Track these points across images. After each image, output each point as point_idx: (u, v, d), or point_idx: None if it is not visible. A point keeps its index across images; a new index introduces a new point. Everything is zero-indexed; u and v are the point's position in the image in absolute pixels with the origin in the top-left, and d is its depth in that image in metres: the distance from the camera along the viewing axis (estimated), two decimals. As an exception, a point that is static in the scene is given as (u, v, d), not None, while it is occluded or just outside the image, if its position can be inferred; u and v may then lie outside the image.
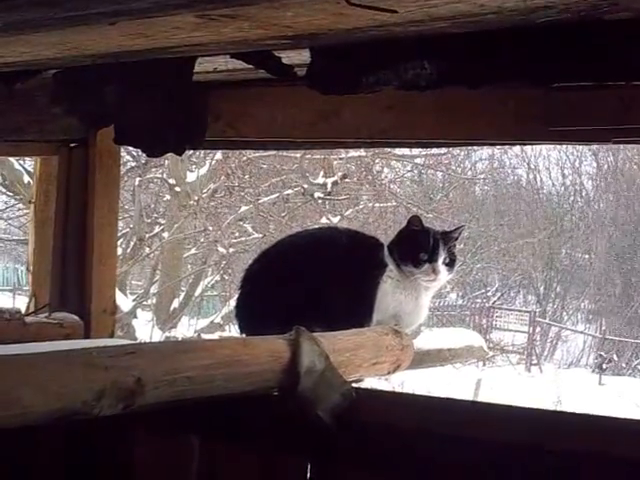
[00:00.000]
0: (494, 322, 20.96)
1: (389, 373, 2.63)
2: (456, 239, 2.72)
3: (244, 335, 2.64)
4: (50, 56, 2.20)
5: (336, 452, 2.15)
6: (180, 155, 3.15)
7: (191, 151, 9.87)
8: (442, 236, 2.69)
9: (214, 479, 2.31)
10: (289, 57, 2.21)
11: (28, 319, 2.95)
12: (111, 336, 3.10)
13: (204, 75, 2.58)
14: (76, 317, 3.02)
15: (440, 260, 2.66)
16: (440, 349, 2.93)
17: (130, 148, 9.77)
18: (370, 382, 2.65)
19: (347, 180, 13.35)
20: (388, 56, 2.03)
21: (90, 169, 3.05)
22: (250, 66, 2.28)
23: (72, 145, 3.09)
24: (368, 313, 2.66)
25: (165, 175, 13.16)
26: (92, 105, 2.72)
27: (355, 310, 2.64)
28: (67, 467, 2.45)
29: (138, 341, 9.02)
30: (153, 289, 13.64)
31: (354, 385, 2.27)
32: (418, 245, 2.66)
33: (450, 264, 2.70)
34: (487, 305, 21.35)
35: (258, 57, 2.20)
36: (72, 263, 3.09)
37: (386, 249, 2.71)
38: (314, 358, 2.18)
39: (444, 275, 2.69)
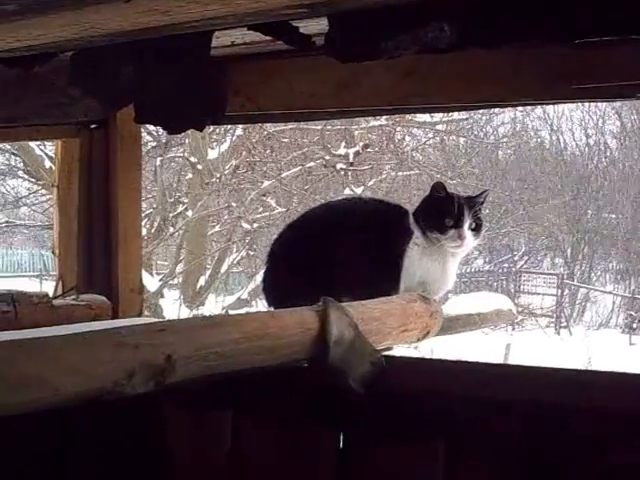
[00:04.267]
0: (522, 286, 20.89)
1: (418, 340, 2.62)
2: (481, 204, 2.70)
3: (272, 309, 2.64)
4: (66, 37, 2.19)
5: (368, 421, 2.15)
6: (201, 131, 3.14)
7: (212, 127, 9.85)
8: (467, 201, 2.67)
9: (247, 452, 2.32)
10: (307, 27, 2.19)
11: (56, 302, 2.95)
12: (139, 315, 3.11)
13: (222, 49, 2.56)
14: (104, 298, 3.03)
15: (466, 225, 2.65)
16: (469, 314, 2.91)
17: (151, 127, 9.81)
18: (400, 351, 2.64)
19: (369, 150, 13.29)
20: (406, 20, 2.00)
21: (111, 150, 3.05)
22: (268, 38, 2.26)
23: (92, 127, 3.09)
24: (395, 281, 2.65)
25: (186, 153, 13.16)
26: (111, 85, 2.71)
27: (382, 279, 2.63)
28: (99, 443, 2.46)
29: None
30: (179, 268, 13.67)
31: (384, 353, 2.27)
32: (443, 211, 2.64)
33: (476, 229, 2.68)
34: (514, 269, 21.28)
35: (275, 28, 2.18)
36: (98, 244, 3.09)
37: (411, 217, 2.70)
38: (343, 328, 2.17)
39: (470, 240, 2.68)
